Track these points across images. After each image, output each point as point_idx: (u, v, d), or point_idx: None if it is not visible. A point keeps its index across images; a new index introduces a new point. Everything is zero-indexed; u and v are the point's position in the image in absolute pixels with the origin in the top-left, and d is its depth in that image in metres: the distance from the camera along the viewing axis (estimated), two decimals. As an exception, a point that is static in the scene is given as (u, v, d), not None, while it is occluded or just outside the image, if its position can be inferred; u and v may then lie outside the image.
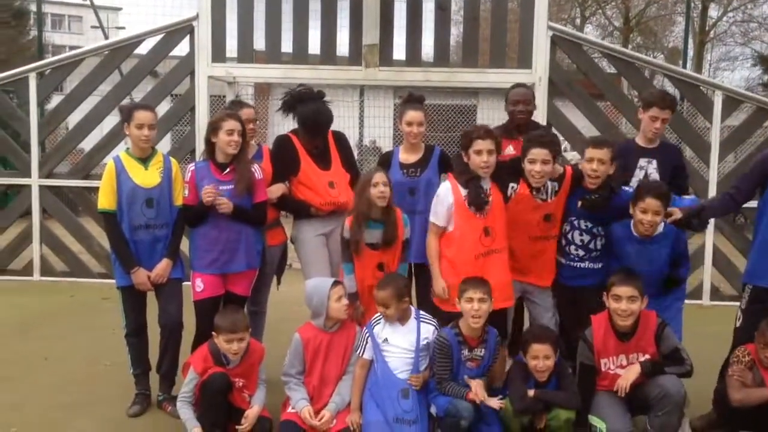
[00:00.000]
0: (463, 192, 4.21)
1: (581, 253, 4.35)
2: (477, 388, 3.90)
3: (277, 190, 4.79)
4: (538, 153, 4.11)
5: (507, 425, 3.98)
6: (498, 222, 4.24)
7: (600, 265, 4.34)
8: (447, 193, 4.24)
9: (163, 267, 4.43)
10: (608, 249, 4.33)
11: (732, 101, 7.64)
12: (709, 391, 4.24)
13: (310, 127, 4.75)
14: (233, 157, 4.40)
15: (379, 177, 4.30)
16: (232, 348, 4.04)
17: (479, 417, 3.92)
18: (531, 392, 3.92)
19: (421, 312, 4.24)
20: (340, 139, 5.03)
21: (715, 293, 7.75)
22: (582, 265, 4.35)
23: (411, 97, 4.91)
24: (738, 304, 4.38)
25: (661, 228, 4.15)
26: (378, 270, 4.34)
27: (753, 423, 3.95)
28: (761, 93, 17.84)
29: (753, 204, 7.59)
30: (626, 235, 4.20)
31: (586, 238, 4.33)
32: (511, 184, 4.28)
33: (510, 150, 4.85)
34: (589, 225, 4.31)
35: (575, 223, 4.34)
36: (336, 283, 4.20)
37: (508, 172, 4.28)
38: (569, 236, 4.36)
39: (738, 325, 4.31)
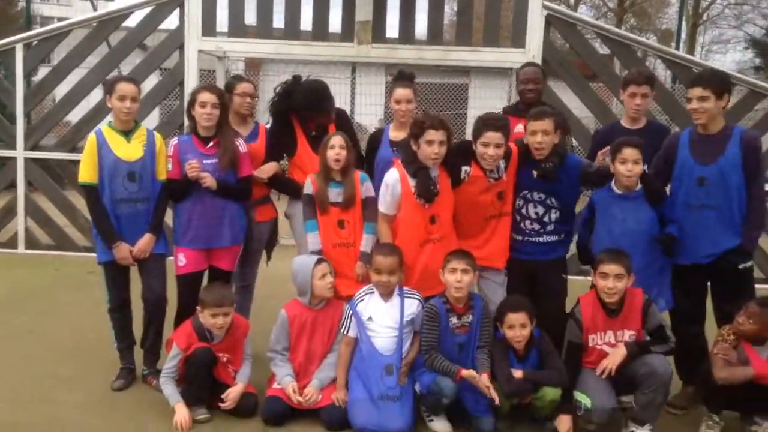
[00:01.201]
0: (412, 182, 4.18)
1: (536, 226, 4.32)
2: (483, 380, 3.87)
3: (269, 169, 4.77)
4: (491, 136, 4.06)
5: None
6: (444, 210, 4.24)
7: (556, 238, 4.33)
8: (395, 184, 4.21)
9: (145, 242, 4.37)
10: (570, 221, 4.35)
11: (724, 84, 7.61)
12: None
13: (314, 101, 4.68)
14: (216, 130, 4.38)
15: (336, 140, 4.33)
16: (217, 323, 4.03)
17: (468, 396, 3.94)
18: (519, 373, 3.93)
19: (405, 287, 4.23)
20: (341, 117, 4.97)
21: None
22: (540, 239, 4.33)
23: (400, 75, 4.87)
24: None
25: (639, 185, 4.16)
26: (339, 227, 4.36)
27: (735, 402, 4.00)
28: (752, 76, 17.83)
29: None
30: (609, 197, 4.21)
31: (541, 210, 4.30)
32: (464, 168, 4.23)
33: (519, 128, 4.80)
34: (543, 196, 4.28)
35: (528, 195, 4.31)
36: (320, 261, 4.19)
37: (459, 155, 4.22)
38: (523, 211, 4.33)
39: None
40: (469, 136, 4.31)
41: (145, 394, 4.38)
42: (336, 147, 4.32)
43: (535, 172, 4.24)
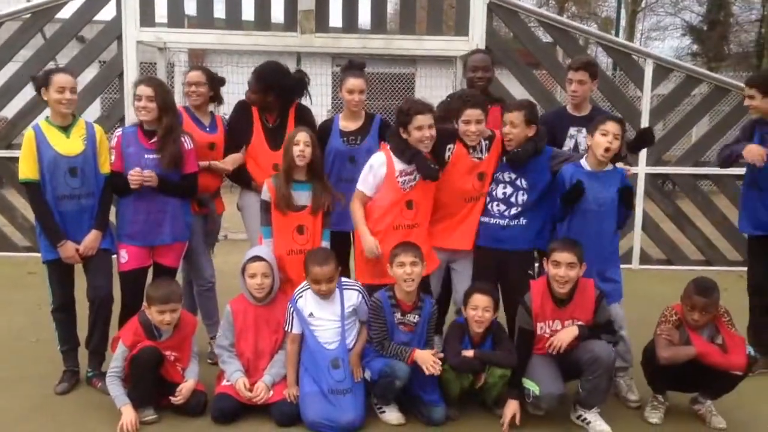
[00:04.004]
0: (399, 166, 4.20)
1: (502, 207, 4.33)
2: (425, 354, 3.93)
3: (233, 162, 4.74)
4: (471, 113, 4.16)
5: (446, 391, 4.03)
6: (422, 196, 4.27)
7: (518, 222, 4.33)
8: (381, 165, 4.23)
9: (91, 239, 4.25)
10: (536, 210, 4.34)
11: (662, 70, 7.80)
12: (639, 351, 4.32)
13: (258, 74, 4.71)
14: (158, 125, 4.27)
15: (301, 136, 4.27)
16: (164, 319, 3.96)
17: (419, 385, 3.97)
18: (469, 352, 3.98)
19: (343, 279, 4.23)
20: (303, 114, 4.92)
21: (644, 257, 7.97)
22: (502, 222, 4.32)
23: (352, 64, 4.83)
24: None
25: (610, 166, 4.22)
26: (298, 233, 4.32)
27: (677, 381, 4.11)
28: (689, 62, 18.31)
29: (681, 170, 7.80)
30: (577, 173, 4.19)
31: (509, 190, 4.33)
32: (449, 146, 4.28)
33: None
34: (513, 176, 4.32)
35: (499, 176, 4.35)
36: (256, 259, 4.14)
37: (443, 135, 4.26)
38: (493, 192, 4.36)
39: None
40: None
41: (90, 396, 4.27)
42: (301, 143, 4.25)
43: (505, 157, 4.31)
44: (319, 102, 12.89)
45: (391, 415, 4.03)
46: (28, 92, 7.58)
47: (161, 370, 4.02)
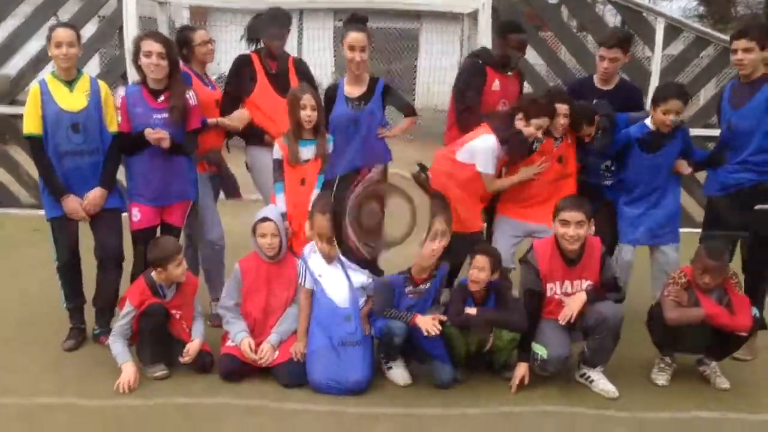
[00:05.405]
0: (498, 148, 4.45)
1: (609, 174, 4.71)
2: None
3: (241, 119, 4.69)
4: (560, 107, 4.44)
5: (452, 350, 4.02)
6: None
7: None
8: (495, 146, 4.41)
9: (95, 195, 4.21)
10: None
11: (673, 29, 7.64)
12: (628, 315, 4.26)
13: (276, 17, 4.70)
14: (167, 83, 4.21)
15: (307, 100, 4.33)
16: (178, 272, 4.02)
17: (425, 342, 3.96)
18: (472, 310, 3.98)
19: (345, 260, 4.24)
20: (301, 64, 4.94)
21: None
22: (607, 183, 4.70)
23: (354, 17, 4.72)
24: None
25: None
26: (300, 185, 4.42)
27: (684, 343, 4.10)
28: (697, 24, 18.06)
29: (691, 132, 7.71)
30: (641, 132, 4.57)
31: (609, 162, 4.71)
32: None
33: (497, 85, 4.82)
34: None
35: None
36: (265, 220, 4.13)
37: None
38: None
39: None
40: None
41: (97, 353, 4.26)
42: (308, 107, 4.31)
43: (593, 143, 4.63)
44: (321, 61, 12.82)
45: (398, 372, 4.07)
46: (30, 49, 7.54)
47: (169, 328, 4.03)
